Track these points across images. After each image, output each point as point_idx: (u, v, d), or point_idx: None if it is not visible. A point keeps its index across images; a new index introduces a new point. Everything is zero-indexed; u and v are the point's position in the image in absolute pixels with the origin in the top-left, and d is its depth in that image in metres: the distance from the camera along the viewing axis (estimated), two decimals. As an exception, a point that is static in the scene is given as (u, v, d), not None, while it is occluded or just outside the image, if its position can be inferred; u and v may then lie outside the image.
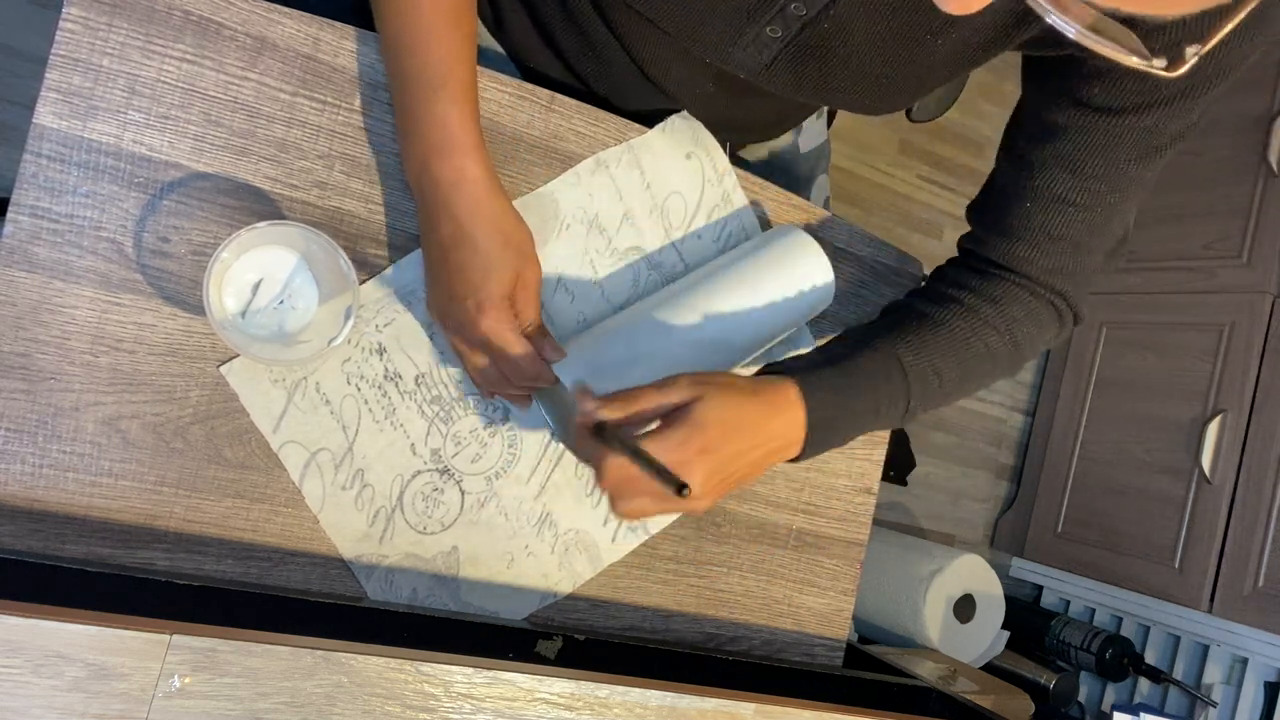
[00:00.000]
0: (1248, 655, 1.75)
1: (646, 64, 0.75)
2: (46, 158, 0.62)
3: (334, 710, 0.53)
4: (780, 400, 0.66)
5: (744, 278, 0.75)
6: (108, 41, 0.63)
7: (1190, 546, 1.84)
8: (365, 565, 0.72)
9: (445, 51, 0.63)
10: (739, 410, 0.63)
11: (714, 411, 0.62)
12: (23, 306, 0.62)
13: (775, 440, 0.66)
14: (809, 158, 0.98)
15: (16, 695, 0.46)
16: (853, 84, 0.70)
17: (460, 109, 0.63)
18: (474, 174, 0.64)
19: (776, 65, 0.69)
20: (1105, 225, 0.72)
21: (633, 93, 0.79)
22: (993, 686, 1.60)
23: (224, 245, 0.60)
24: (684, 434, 0.61)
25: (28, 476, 0.63)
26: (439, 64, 0.63)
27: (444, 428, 0.74)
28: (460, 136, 0.63)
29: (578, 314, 0.77)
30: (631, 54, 0.74)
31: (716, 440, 0.61)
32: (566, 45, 0.77)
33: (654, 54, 0.74)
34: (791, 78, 0.70)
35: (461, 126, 0.63)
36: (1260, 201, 1.92)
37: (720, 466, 0.62)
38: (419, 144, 0.64)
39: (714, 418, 0.61)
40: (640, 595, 0.82)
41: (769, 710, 0.64)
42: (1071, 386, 2.18)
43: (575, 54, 0.78)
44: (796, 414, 0.66)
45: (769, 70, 0.70)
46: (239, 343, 0.61)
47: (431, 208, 0.65)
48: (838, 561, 0.91)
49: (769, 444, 0.65)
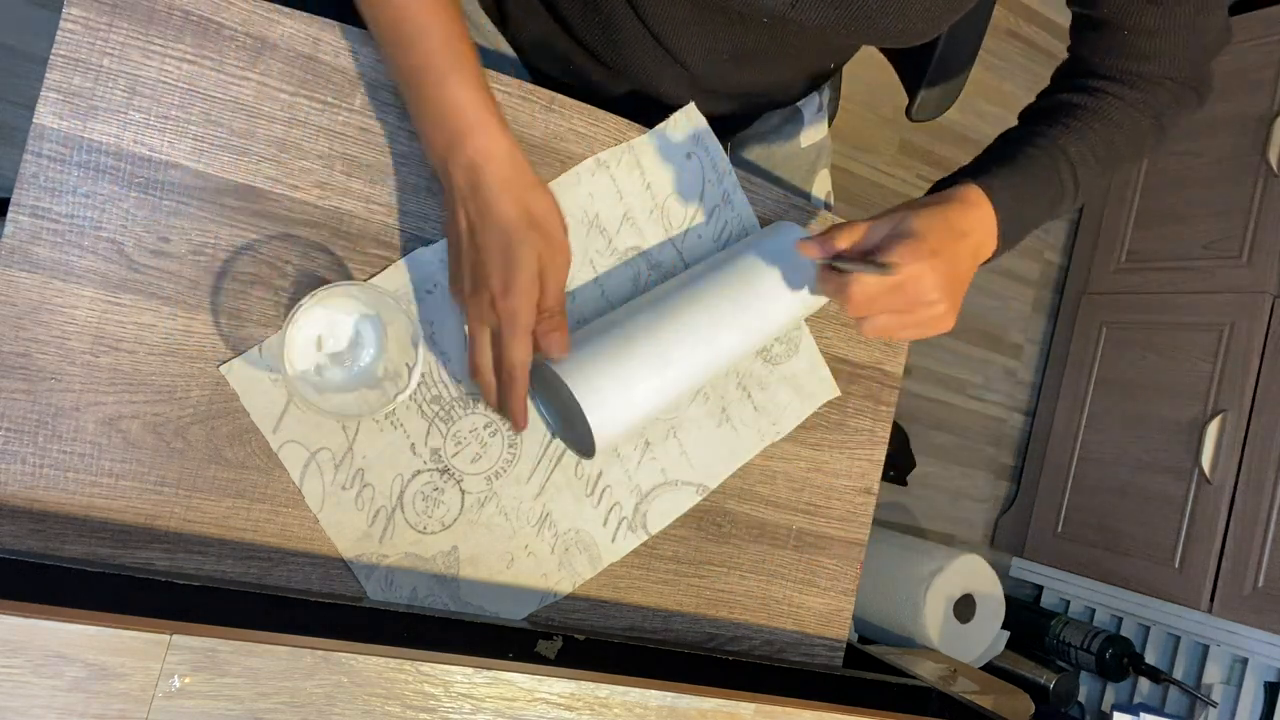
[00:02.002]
0: (1248, 655, 1.75)
1: (657, 25, 0.74)
2: (47, 158, 0.62)
3: (334, 710, 0.53)
4: (970, 199, 0.70)
5: (743, 275, 0.75)
6: (108, 42, 0.63)
7: (1190, 546, 1.84)
8: (365, 565, 0.72)
9: (444, 36, 0.62)
10: (943, 215, 0.68)
11: (924, 220, 0.67)
12: (23, 306, 0.62)
13: (976, 235, 0.70)
14: (809, 153, 0.98)
15: (16, 695, 0.46)
16: (881, 6, 0.69)
17: (473, 90, 0.63)
18: (499, 151, 0.63)
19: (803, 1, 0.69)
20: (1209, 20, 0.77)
21: (644, 63, 0.78)
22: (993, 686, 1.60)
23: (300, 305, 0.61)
24: (911, 244, 0.65)
25: (28, 476, 0.63)
26: (442, 50, 0.62)
27: (444, 427, 0.74)
28: (479, 117, 0.63)
29: (578, 314, 0.77)
30: (643, 17, 0.74)
31: (938, 243, 0.66)
32: (573, 14, 0.77)
33: (668, 15, 0.73)
34: (819, 9, 0.69)
35: (477, 107, 0.63)
36: (1260, 201, 1.92)
37: (950, 267, 0.67)
38: (439, 134, 0.64)
39: (925, 225, 0.66)
40: (640, 595, 0.82)
41: (769, 710, 0.64)
42: (1071, 386, 2.18)
43: (582, 23, 0.77)
44: (986, 210, 0.70)
45: (795, 8, 0.69)
46: (310, 396, 0.62)
47: (459, 192, 0.65)
48: (838, 561, 0.91)
49: (973, 240, 0.70)
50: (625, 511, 0.81)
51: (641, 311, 0.72)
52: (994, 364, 2.29)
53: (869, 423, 0.92)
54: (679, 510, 0.83)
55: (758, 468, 0.86)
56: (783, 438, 0.87)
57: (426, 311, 0.72)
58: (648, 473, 0.81)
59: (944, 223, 0.67)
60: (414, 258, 0.72)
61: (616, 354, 0.69)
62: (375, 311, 0.67)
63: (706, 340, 0.72)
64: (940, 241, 0.66)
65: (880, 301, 0.66)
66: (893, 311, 0.67)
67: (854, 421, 0.91)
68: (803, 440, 0.88)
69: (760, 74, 0.83)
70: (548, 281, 0.65)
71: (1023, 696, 1.63)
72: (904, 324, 0.68)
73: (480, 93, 0.63)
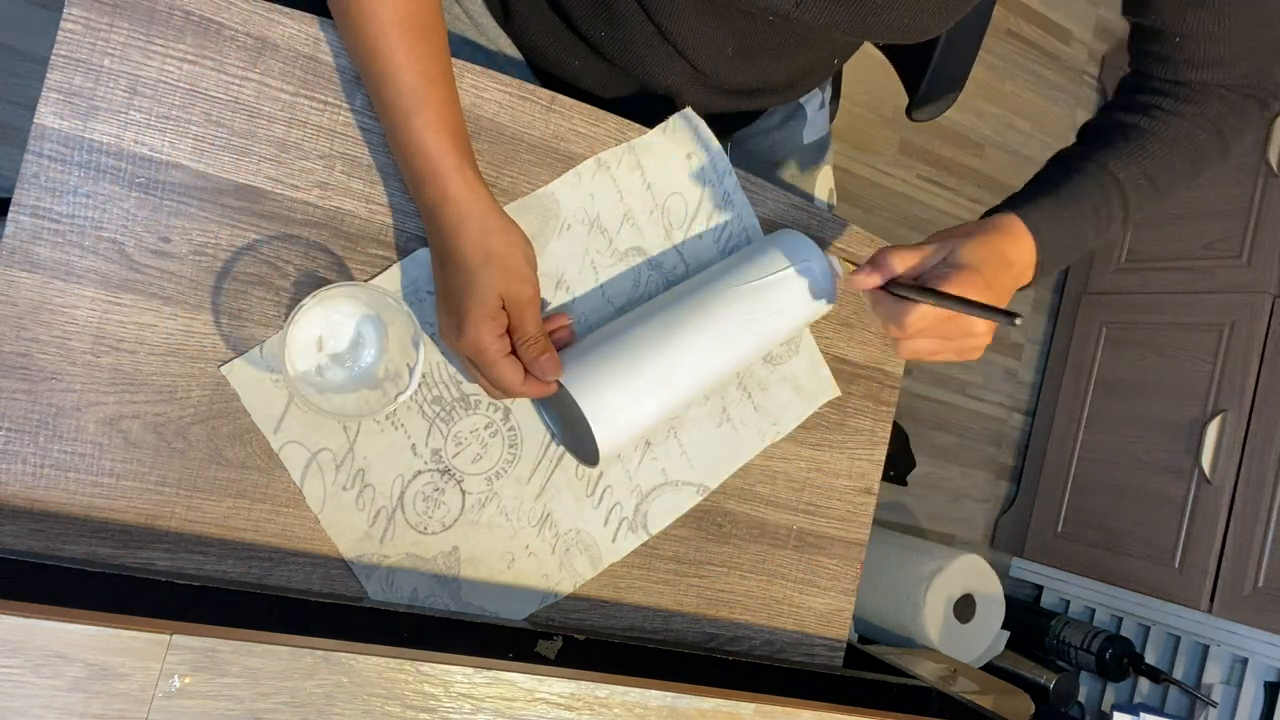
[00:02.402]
0: (1248, 655, 1.75)
1: (663, 19, 0.74)
2: (48, 158, 0.62)
3: (334, 710, 0.53)
4: (1014, 231, 0.71)
5: (746, 282, 0.75)
6: (109, 42, 0.63)
7: (1190, 546, 1.84)
8: (366, 565, 0.72)
9: (414, 76, 0.63)
10: (992, 247, 0.69)
11: (976, 252, 0.67)
12: (24, 306, 0.62)
13: (1017, 267, 0.71)
14: (812, 149, 0.98)
15: (16, 695, 0.46)
16: (886, 3, 0.69)
17: (435, 133, 0.64)
18: (455, 194, 0.64)
19: None
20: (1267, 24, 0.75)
21: (649, 58, 0.78)
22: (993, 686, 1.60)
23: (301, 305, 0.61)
24: (968, 276, 0.65)
25: (29, 476, 0.63)
26: (410, 91, 0.63)
27: (445, 428, 0.74)
28: (438, 159, 0.64)
29: (579, 315, 0.77)
30: (648, 9, 0.74)
31: (991, 276, 0.67)
32: (578, 9, 0.77)
33: (672, 7, 0.73)
34: (823, 7, 0.70)
35: (439, 149, 0.64)
36: (1260, 201, 1.92)
37: (998, 299, 0.67)
38: (405, 170, 0.66)
39: (978, 256, 0.67)
40: (641, 595, 0.82)
41: (769, 710, 0.64)
42: (1071, 386, 2.18)
43: (587, 18, 0.77)
44: (1028, 243, 0.71)
45: (801, 6, 0.69)
46: (311, 396, 0.62)
47: (427, 227, 0.68)
48: (838, 561, 0.91)
49: (1015, 271, 0.70)
50: (626, 512, 0.81)
51: (648, 324, 0.72)
52: (994, 364, 2.29)
53: (869, 423, 0.92)
54: (679, 510, 0.83)
55: (758, 468, 0.86)
56: (783, 438, 0.87)
57: (427, 312, 0.72)
58: (648, 473, 0.81)
59: (998, 255, 0.68)
60: (415, 258, 0.72)
61: (623, 368, 0.69)
62: (376, 312, 0.67)
63: (714, 354, 0.73)
64: (993, 274, 0.67)
65: (931, 329, 0.67)
66: (939, 338, 0.68)
67: (854, 421, 0.91)
68: (803, 440, 0.88)
69: (765, 69, 0.83)
70: (518, 313, 0.67)
71: (1023, 696, 1.63)
72: (945, 350, 0.69)
73: (442, 135, 0.64)
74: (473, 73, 0.72)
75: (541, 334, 0.68)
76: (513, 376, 0.67)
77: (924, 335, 0.67)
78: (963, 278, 0.65)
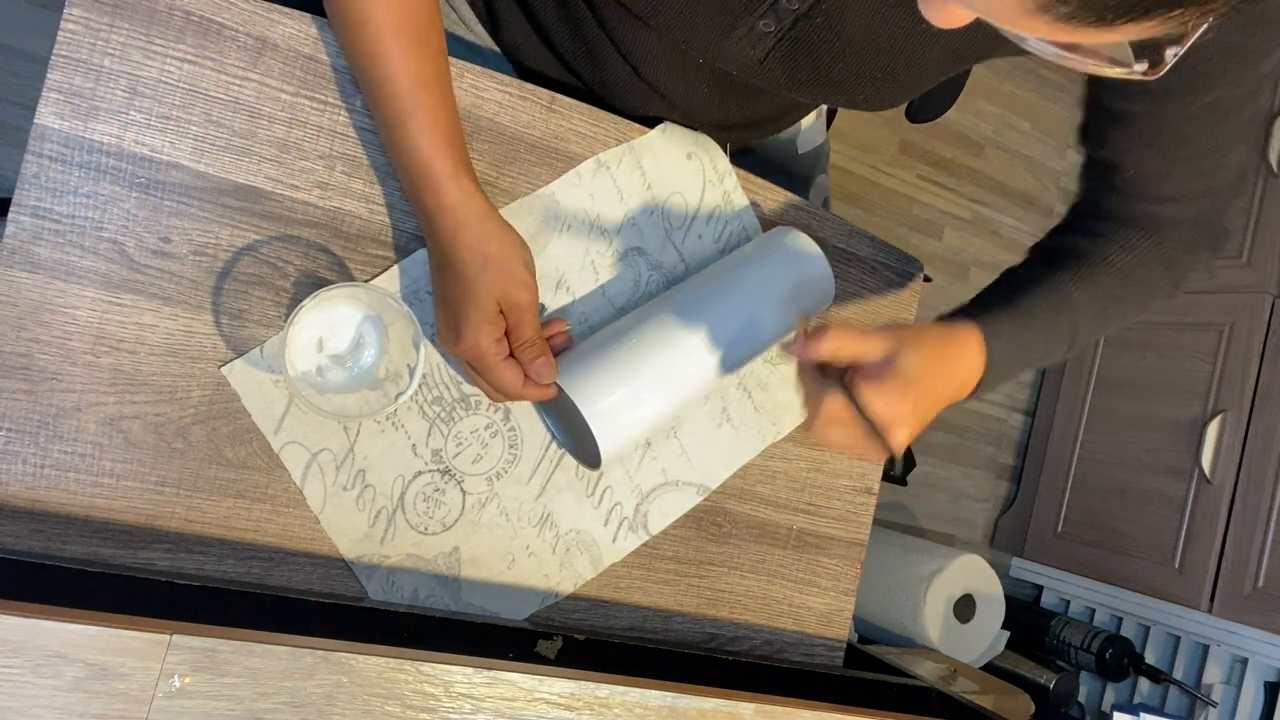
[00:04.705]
0: (1248, 655, 1.75)
1: (640, 63, 0.74)
2: (48, 158, 0.62)
3: (334, 710, 0.53)
4: (965, 344, 0.69)
5: (744, 281, 0.75)
6: (109, 42, 0.63)
7: (1190, 546, 1.84)
8: (366, 565, 0.72)
9: (409, 81, 0.63)
10: (937, 362, 0.66)
11: (916, 363, 0.65)
12: (24, 307, 0.62)
13: (957, 381, 0.69)
14: (807, 159, 0.98)
15: (16, 695, 0.46)
16: (848, 79, 0.69)
17: (429, 138, 0.64)
18: (450, 200, 0.65)
19: (770, 60, 0.69)
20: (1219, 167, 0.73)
21: (629, 94, 0.79)
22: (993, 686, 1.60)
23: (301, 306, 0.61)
24: (898, 388, 0.63)
25: (29, 477, 0.63)
26: (404, 96, 0.63)
27: (445, 428, 0.74)
28: (432, 165, 0.64)
29: (579, 315, 0.77)
30: (625, 53, 0.74)
31: (922, 391, 0.65)
32: (562, 45, 0.77)
33: (647, 52, 0.73)
34: (785, 73, 0.70)
35: (433, 154, 0.64)
36: (1260, 201, 1.92)
37: (924, 415, 0.66)
38: (401, 176, 0.67)
39: (917, 369, 0.64)
40: (641, 595, 0.82)
41: (769, 710, 0.64)
42: (1071, 386, 2.18)
43: (571, 53, 0.77)
44: (977, 359, 0.69)
45: (762, 66, 0.69)
46: (311, 397, 0.62)
47: (424, 232, 0.68)
48: (838, 561, 0.91)
49: (952, 386, 0.68)
50: (626, 512, 0.81)
51: (649, 326, 0.72)
52: (994, 364, 2.28)
53: (869, 423, 0.92)
54: (680, 510, 0.83)
55: (758, 468, 0.86)
56: (783, 438, 0.87)
57: (427, 312, 0.72)
58: (648, 473, 0.81)
59: (940, 369, 0.66)
60: (415, 258, 0.72)
61: (624, 372, 0.70)
62: (376, 312, 0.67)
63: (716, 357, 0.73)
64: (927, 389, 0.65)
65: (845, 424, 0.65)
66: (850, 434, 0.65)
67: (854, 422, 0.91)
68: (803, 440, 0.88)
69: (745, 109, 0.83)
70: (516, 317, 0.67)
71: (1023, 696, 1.63)
72: (852, 445, 0.67)
73: (436, 140, 0.64)
74: (472, 73, 0.72)
75: (538, 337, 0.68)
76: (512, 379, 0.67)
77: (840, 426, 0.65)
78: (892, 390, 0.63)
